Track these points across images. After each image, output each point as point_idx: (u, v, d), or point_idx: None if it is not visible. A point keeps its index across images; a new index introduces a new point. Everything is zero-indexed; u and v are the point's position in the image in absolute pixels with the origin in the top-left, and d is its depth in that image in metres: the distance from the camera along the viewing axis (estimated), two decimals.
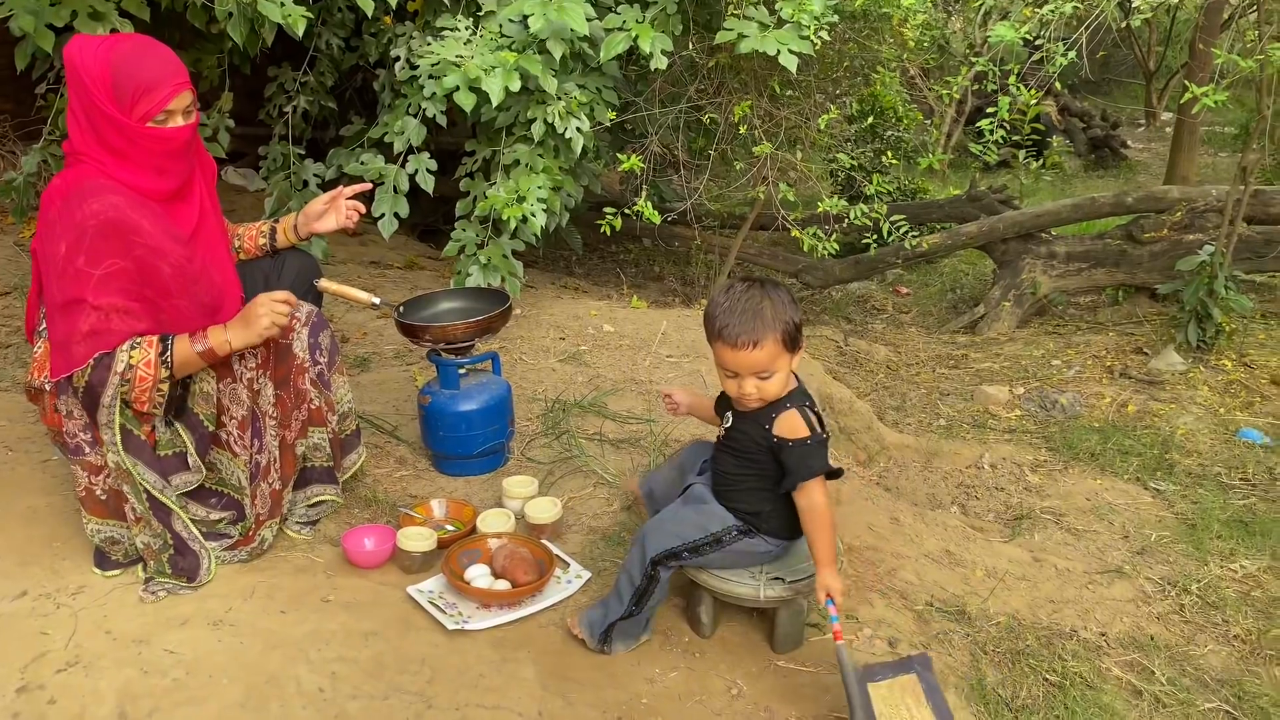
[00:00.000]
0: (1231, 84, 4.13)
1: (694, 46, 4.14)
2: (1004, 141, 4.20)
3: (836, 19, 3.62)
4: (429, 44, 3.43)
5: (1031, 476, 3.48)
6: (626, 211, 4.09)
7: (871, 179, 5.10)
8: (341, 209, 2.55)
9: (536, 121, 3.45)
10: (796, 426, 1.97)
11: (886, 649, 2.21)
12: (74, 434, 2.13)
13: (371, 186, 2.84)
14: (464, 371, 2.75)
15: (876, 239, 5.08)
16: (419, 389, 2.83)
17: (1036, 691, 2.20)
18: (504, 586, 2.21)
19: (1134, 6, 4.09)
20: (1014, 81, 4.09)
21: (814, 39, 3.42)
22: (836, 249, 4.59)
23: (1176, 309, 4.90)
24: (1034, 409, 4.28)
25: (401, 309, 2.74)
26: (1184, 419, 3.97)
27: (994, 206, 6.36)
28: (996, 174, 9.38)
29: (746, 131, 4.36)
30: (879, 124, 6.63)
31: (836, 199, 4.53)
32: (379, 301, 2.58)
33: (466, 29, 3.41)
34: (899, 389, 4.73)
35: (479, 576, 2.24)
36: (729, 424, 2.11)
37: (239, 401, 2.24)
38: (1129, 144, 11.35)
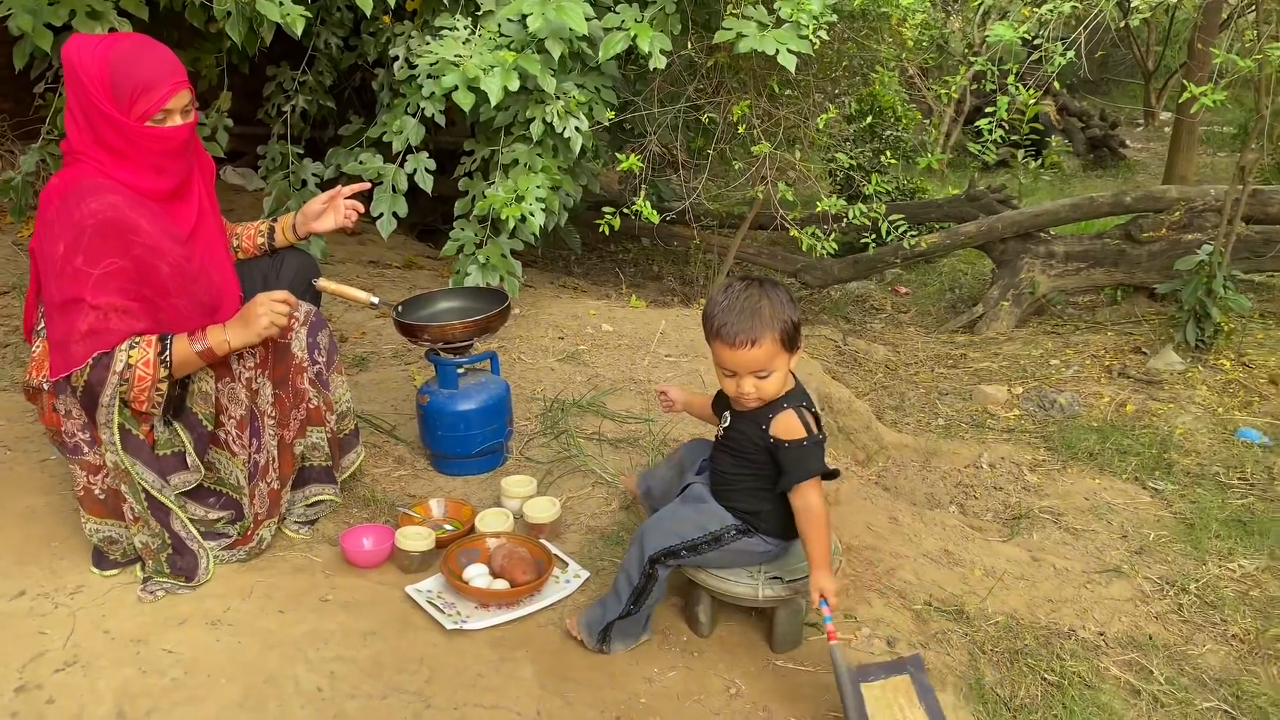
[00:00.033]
0: (1230, 83, 4.13)
1: (693, 46, 4.14)
2: (1003, 141, 4.20)
3: (835, 18, 3.62)
4: (428, 43, 3.43)
5: (1030, 476, 3.48)
6: (625, 211, 4.08)
7: (870, 178, 5.10)
8: (340, 208, 2.55)
9: (535, 121, 3.45)
10: (793, 427, 1.97)
11: (885, 648, 2.21)
12: (72, 433, 2.12)
13: (370, 186, 2.84)
14: (462, 371, 2.75)
15: (875, 238, 5.09)
16: (417, 388, 2.83)
17: (1035, 691, 2.21)
18: (502, 586, 2.21)
19: (1133, 6, 4.10)
20: (1013, 81, 4.09)
21: (813, 38, 3.42)
22: (835, 248, 4.60)
23: (1175, 308, 4.90)
24: (1032, 408, 4.29)
25: (400, 308, 2.74)
26: (1182, 418, 3.97)
27: (993, 206, 6.36)
28: (995, 173, 9.38)
29: (745, 131, 4.36)
30: (878, 123, 6.63)
31: (835, 198, 4.53)
32: (377, 301, 2.58)
33: (465, 28, 3.41)
34: (898, 388, 4.73)
35: (477, 576, 2.24)
36: (727, 423, 2.11)
37: (237, 401, 2.24)
38: (1128, 143, 11.34)
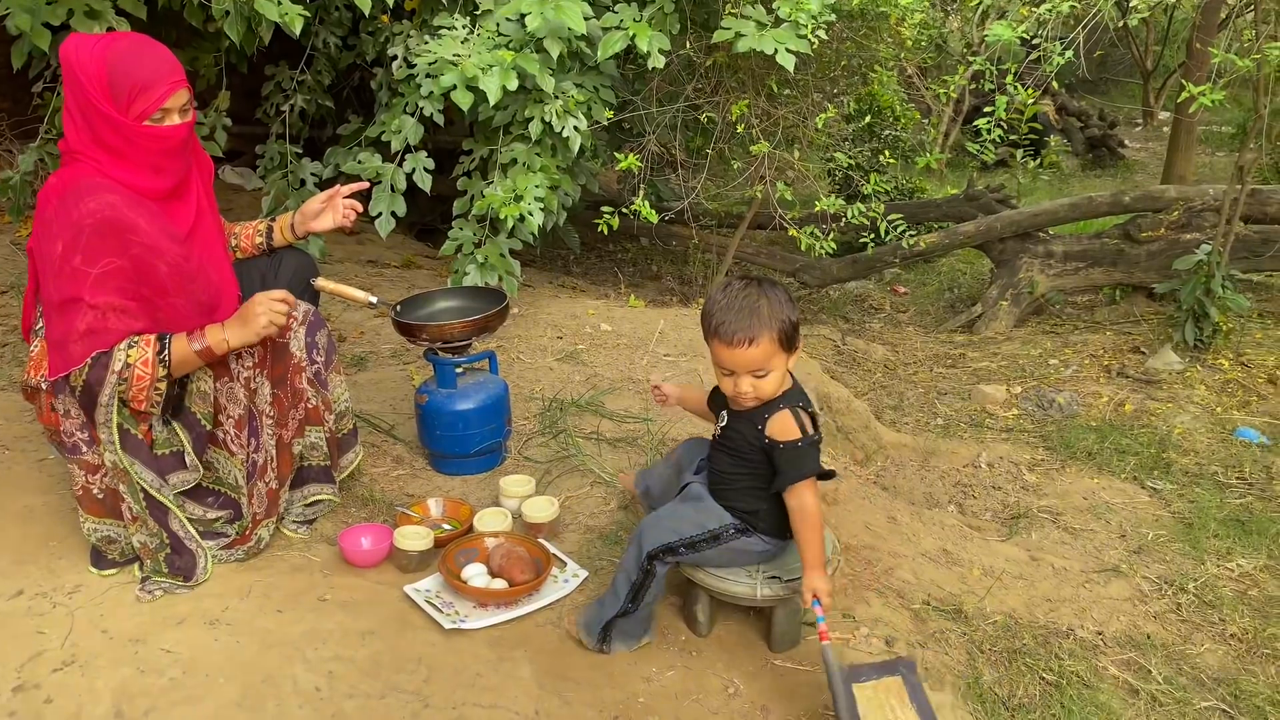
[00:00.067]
0: (1228, 83, 4.14)
1: (691, 45, 4.15)
2: (1001, 141, 4.20)
3: (834, 18, 3.62)
4: (426, 43, 3.43)
5: (1029, 475, 3.48)
6: (624, 210, 4.08)
7: (869, 178, 5.10)
8: (339, 208, 2.55)
9: (534, 120, 3.45)
10: (788, 428, 1.97)
11: (883, 647, 2.21)
12: (71, 433, 2.12)
13: (369, 185, 2.84)
14: (461, 370, 2.75)
15: (874, 238, 5.09)
16: (416, 388, 2.83)
17: (1033, 690, 2.21)
18: (501, 585, 2.21)
19: (1131, 5, 4.10)
20: (1011, 81, 4.09)
21: (811, 38, 3.42)
22: (834, 248, 4.60)
23: (1174, 308, 4.90)
24: (1031, 408, 4.29)
25: (398, 308, 2.74)
26: (1181, 418, 3.98)
27: (991, 206, 6.36)
28: (994, 173, 9.38)
29: (744, 130, 4.36)
30: (876, 123, 6.64)
31: (834, 198, 4.53)
32: (376, 300, 2.58)
33: (464, 27, 3.41)
34: (896, 388, 4.73)
35: (476, 575, 2.24)
36: (724, 423, 2.11)
37: (236, 400, 2.24)
38: (1126, 143, 11.35)
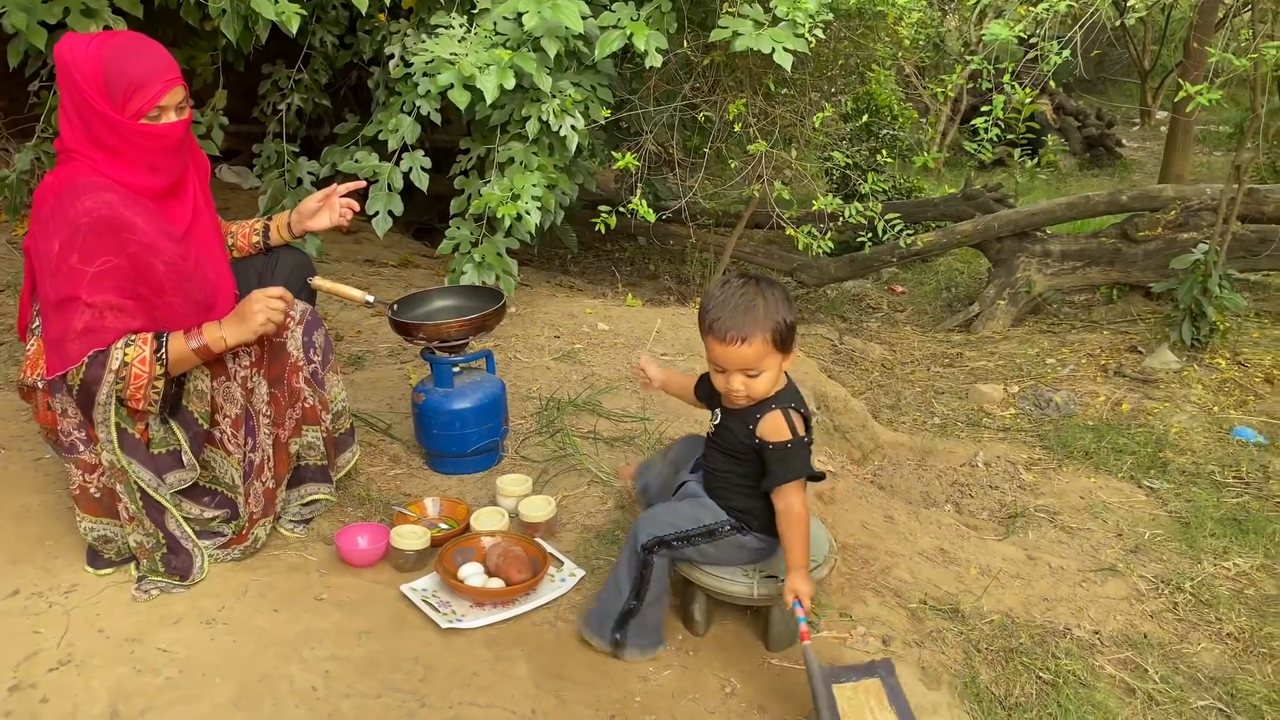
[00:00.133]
0: (1226, 82, 4.13)
1: (689, 44, 4.15)
2: (999, 140, 4.20)
3: (831, 17, 3.62)
4: (423, 41, 3.43)
5: (1026, 475, 3.49)
6: (621, 209, 4.08)
7: (866, 177, 5.10)
8: (335, 206, 2.55)
9: (531, 119, 3.45)
10: (779, 428, 1.97)
11: (880, 646, 2.21)
12: (68, 432, 2.12)
13: (366, 184, 2.83)
14: (458, 370, 2.75)
15: (871, 237, 5.09)
16: (413, 387, 2.83)
17: (1030, 689, 2.21)
18: (498, 585, 2.21)
19: (1129, 5, 4.09)
20: (1009, 80, 4.09)
21: (809, 37, 3.42)
22: (831, 247, 4.60)
23: (1171, 307, 4.90)
24: (1028, 407, 4.29)
25: (395, 307, 2.74)
26: (1178, 417, 3.98)
27: (989, 205, 6.37)
28: (991, 172, 9.39)
29: (741, 129, 4.36)
30: (874, 122, 6.64)
31: (831, 197, 4.53)
32: (373, 299, 2.57)
33: (461, 26, 3.41)
34: (894, 387, 4.73)
35: (473, 575, 2.24)
36: (717, 420, 2.11)
37: (233, 400, 2.24)
38: (1124, 142, 11.37)
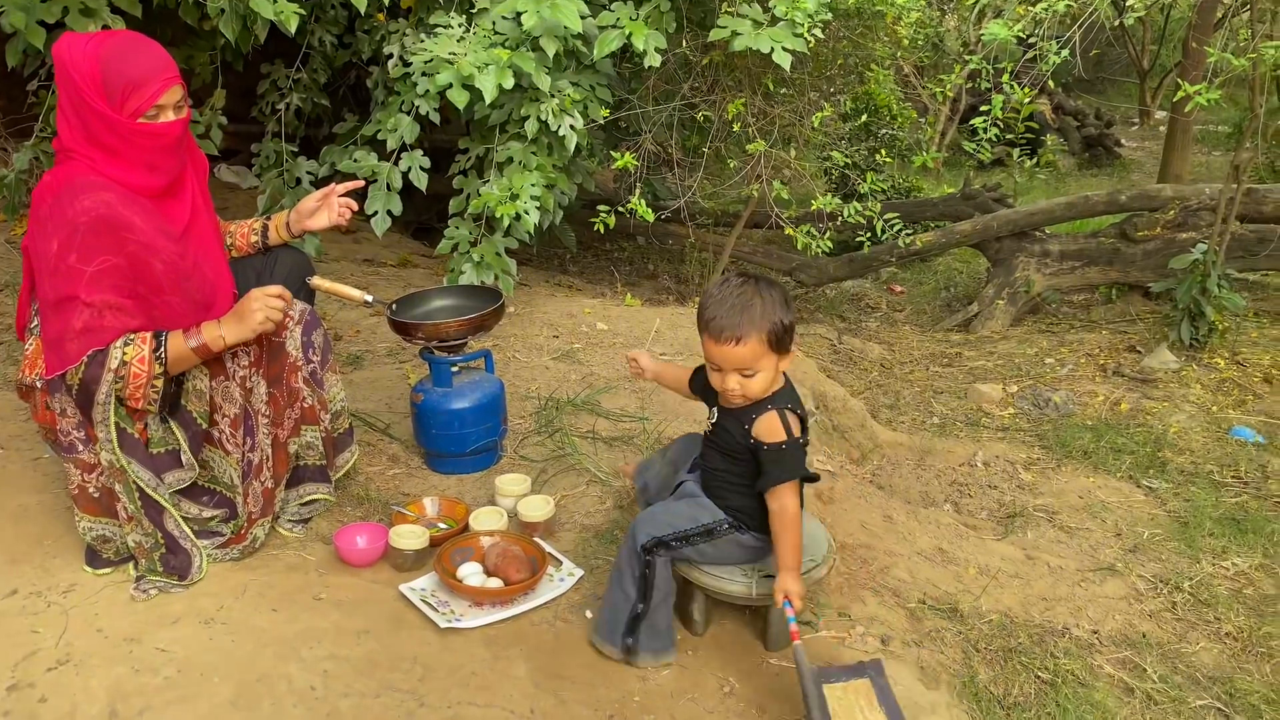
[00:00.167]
0: (1224, 82, 4.13)
1: (688, 44, 4.15)
2: (998, 140, 4.20)
3: (830, 16, 3.62)
4: (422, 41, 3.43)
5: (1024, 474, 3.49)
6: (620, 209, 4.08)
7: (865, 177, 5.10)
8: (334, 206, 2.55)
9: (530, 119, 3.45)
10: (774, 429, 1.97)
11: (879, 646, 2.21)
12: (67, 432, 2.12)
13: (364, 184, 2.83)
14: (457, 369, 2.75)
15: (870, 237, 5.09)
16: (411, 387, 2.83)
17: (1028, 689, 2.21)
18: (496, 584, 2.21)
19: (1128, 5, 4.09)
20: (1008, 80, 4.09)
21: (808, 36, 3.41)
22: (830, 247, 4.60)
23: (1170, 307, 4.91)
24: (1027, 407, 4.29)
25: (394, 306, 2.73)
26: (1177, 417, 3.98)
27: (988, 205, 6.37)
28: (990, 172, 9.39)
29: (740, 129, 4.36)
30: (873, 122, 6.63)
31: (830, 197, 4.53)
32: (371, 299, 2.57)
33: (460, 26, 3.40)
34: (893, 387, 4.73)
35: (471, 574, 2.24)
36: (714, 419, 2.11)
37: (232, 400, 2.24)
38: (1123, 142, 11.37)
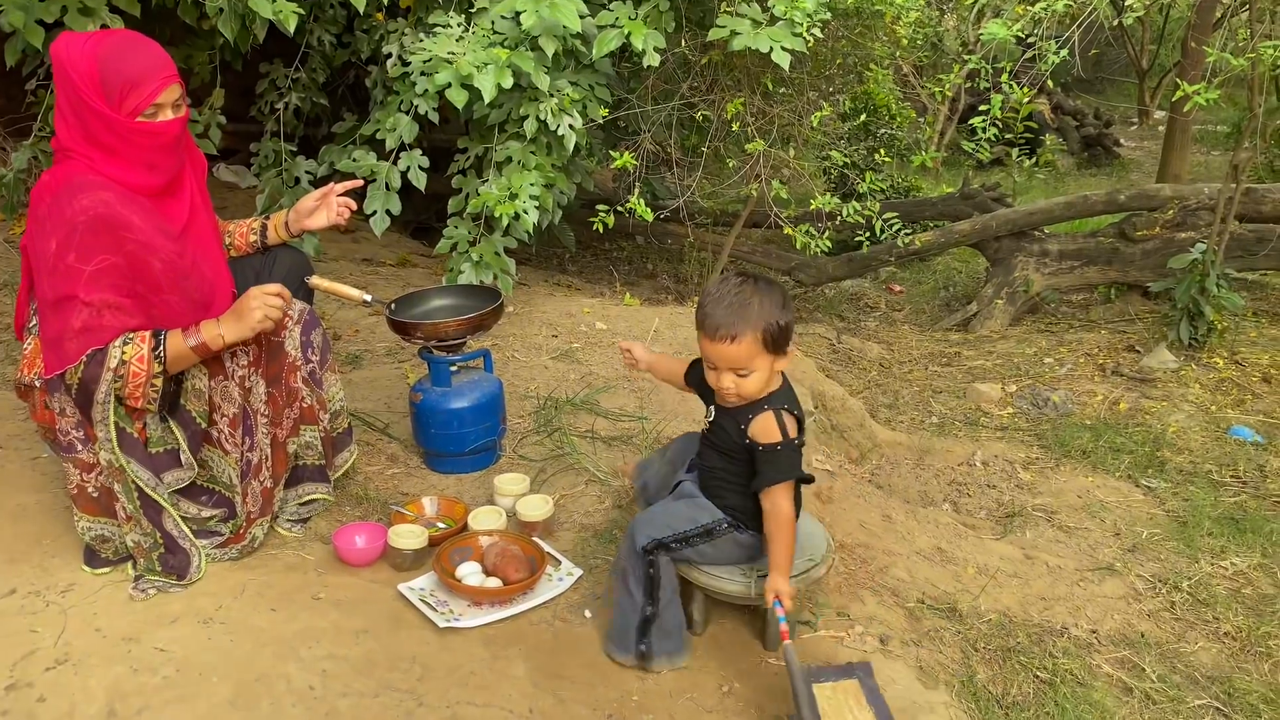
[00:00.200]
0: (1223, 82, 4.13)
1: (686, 43, 4.14)
2: (997, 139, 4.20)
3: (829, 16, 3.62)
4: (421, 40, 3.43)
5: (1023, 474, 3.49)
6: (619, 209, 4.08)
7: (864, 177, 5.10)
8: (333, 205, 2.55)
9: (529, 118, 3.44)
10: (770, 430, 1.97)
11: (878, 646, 2.21)
12: (66, 431, 2.12)
13: (363, 183, 2.83)
14: (456, 369, 2.75)
15: (869, 237, 5.09)
16: (411, 386, 2.83)
17: (1027, 688, 2.21)
18: (495, 584, 2.21)
19: (1126, 5, 4.09)
20: (1007, 79, 4.09)
21: (806, 36, 3.41)
22: (829, 246, 4.60)
23: (1168, 307, 4.91)
24: (1026, 406, 4.29)
25: (393, 306, 2.73)
26: (1175, 417, 3.98)
27: (987, 204, 6.37)
28: (989, 172, 9.39)
29: (739, 129, 4.36)
30: (872, 121, 6.63)
31: (829, 196, 4.53)
32: (370, 299, 2.57)
33: (459, 25, 3.40)
34: (892, 386, 4.73)
35: (470, 574, 2.24)
36: (711, 417, 2.11)
37: (230, 399, 2.24)
38: (1122, 142, 11.37)
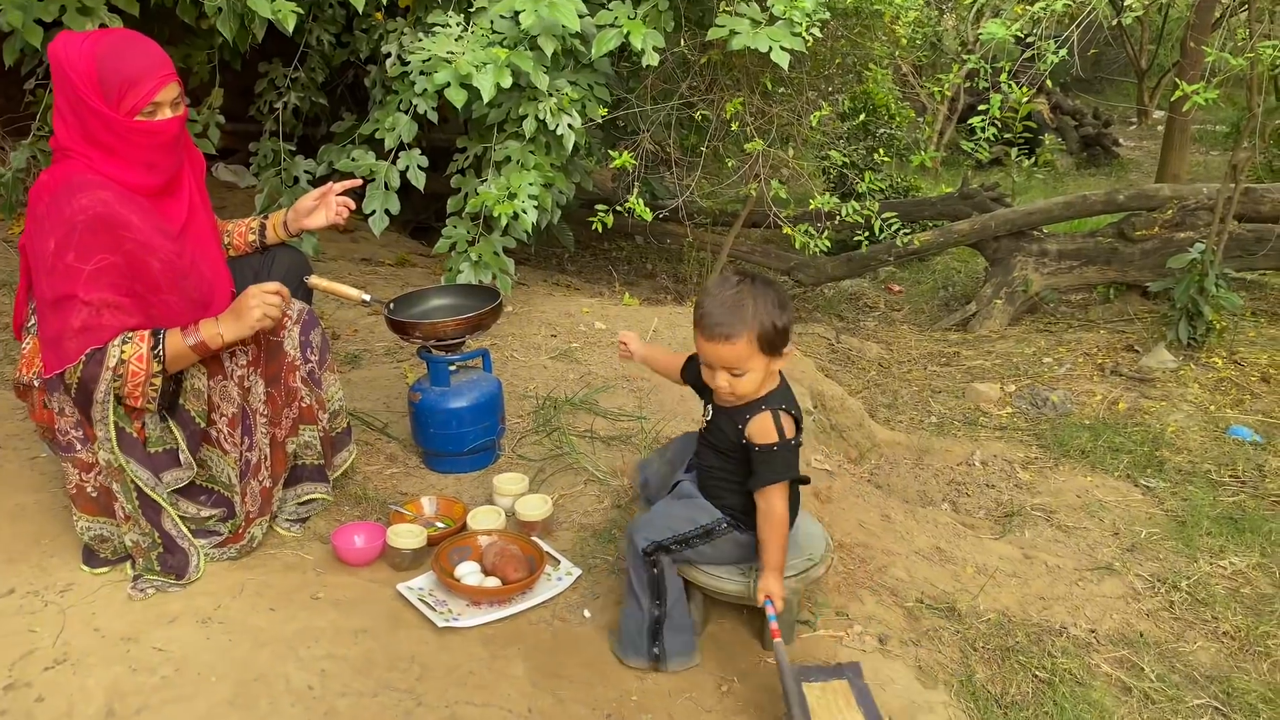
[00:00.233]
0: (1222, 82, 4.14)
1: (686, 43, 4.14)
2: (996, 139, 4.20)
3: (828, 15, 3.62)
4: (420, 40, 3.42)
5: (1022, 474, 3.49)
6: (618, 208, 4.08)
7: (863, 176, 5.10)
8: (332, 205, 2.54)
9: (528, 118, 3.44)
10: (767, 430, 1.98)
11: (876, 645, 2.21)
12: (65, 431, 2.11)
13: (362, 183, 2.83)
14: (454, 368, 2.75)
15: (868, 236, 5.09)
16: (410, 386, 2.82)
17: (1026, 688, 2.21)
18: (494, 584, 2.21)
19: (1125, 4, 4.09)
20: (1005, 79, 4.09)
21: (806, 36, 3.41)
22: (828, 246, 4.59)
23: (1167, 307, 4.91)
24: (1025, 406, 4.29)
25: (392, 306, 2.73)
26: (1174, 416, 3.98)
27: (986, 204, 6.37)
28: (988, 172, 9.39)
29: (738, 128, 4.36)
30: (871, 121, 6.63)
31: (828, 196, 4.53)
32: (369, 298, 2.57)
33: (458, 25, 3.40)
34: (891, 386, 4.73)
35: (469, 574, 2.24)
36: (709, 416, 2.11)
37: (229, 399, 2.24)
38: (1121, 142, 11.37)
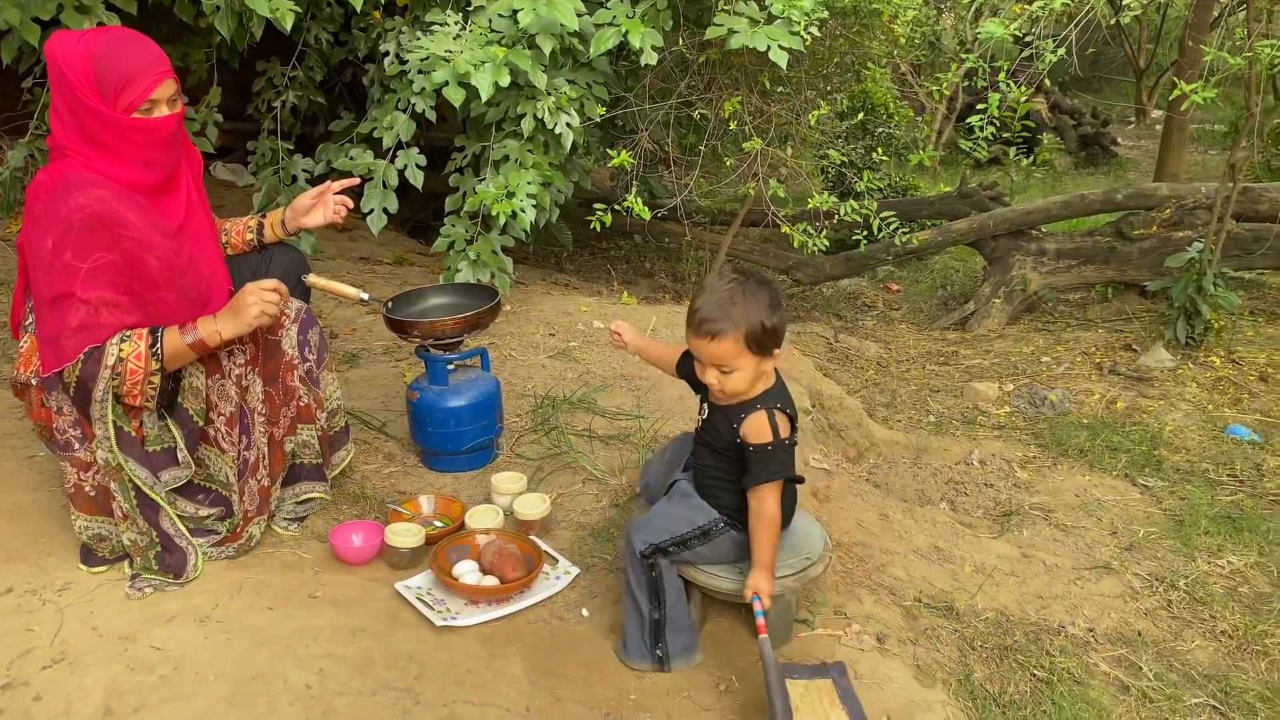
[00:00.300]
0: (1220, 81, 4.14)
1: (684, 42, 4.14)
2: (994, 138, 4.20)
3: (827, 15, 3.61)
4: (418, 39, 3.42)
5: (1020, 473, 3.49)
6: (617, 207, 4.08)
7: (862, 175, 5.10)
8: (329, 204, 2.54)
9: (526, 117, 3.44)
10: (761, 430, 1.98)
11: (875, 644, 2.21)
12: (63, 430, 2.11)
13: (360, 182, 2.83)
14: (453, 367, 2.75)
15: (867, 235, 5.09)
16: (408, 385, 2.82)
17: (1024, 687, 2.21)
18: (492, 582, 2.21)
19: (1124, 4, 4.09)
20: (1004, 78, 4.09)
21: (804, 35, 3.41)
22: (827, 245, 4.59)
23: (1165, 306, 4.91)
24: (1023, 405, 4.29)
25: (390, 304, 2.73)
26: (1172, 415, 3.99)
27: (984, 203, 6.37)
28: (987, 171, 9.40)
29: (737, 127, 4.35)
30: (870, 120, 6.64)
31: (827, 195, 4.53)
32: (367, 297, 2.57)
33: (456, 24, 3.40)
34: (889, 385, 4.74)
35: (467, 572, 2.24)
36: (704, 415, 2.12)
37: (227, 398, 2.23)
38: (1119, 141, 11.37)
